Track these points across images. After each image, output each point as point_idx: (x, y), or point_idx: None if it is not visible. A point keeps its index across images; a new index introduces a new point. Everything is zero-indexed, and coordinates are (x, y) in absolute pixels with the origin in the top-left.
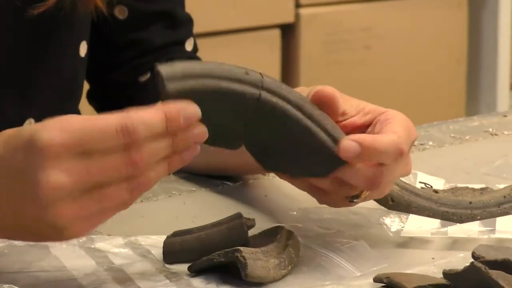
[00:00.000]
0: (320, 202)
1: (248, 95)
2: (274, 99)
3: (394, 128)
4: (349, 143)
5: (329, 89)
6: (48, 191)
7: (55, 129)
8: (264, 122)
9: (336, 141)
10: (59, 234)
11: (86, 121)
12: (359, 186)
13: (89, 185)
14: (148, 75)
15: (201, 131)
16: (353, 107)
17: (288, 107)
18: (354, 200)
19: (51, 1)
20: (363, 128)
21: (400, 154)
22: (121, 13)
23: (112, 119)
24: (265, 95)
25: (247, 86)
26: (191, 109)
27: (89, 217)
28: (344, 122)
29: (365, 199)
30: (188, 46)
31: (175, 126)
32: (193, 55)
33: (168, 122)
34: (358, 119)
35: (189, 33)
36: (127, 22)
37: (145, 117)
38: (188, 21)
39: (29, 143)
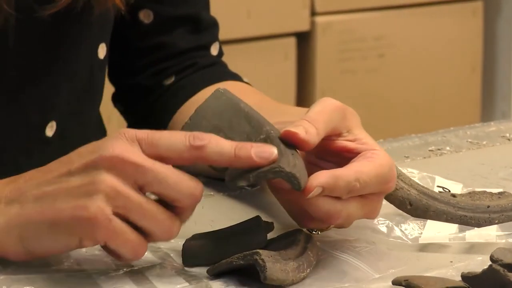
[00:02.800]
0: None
1: (264, 128)
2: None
3: (362, 167)
4: (313, 187)
5: (294, 133)
6: (107, 155)
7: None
8: None
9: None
10: (86, 208)
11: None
12: (321, 220)
13: (144, 179)
14: (173, 79)
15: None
16: (353, 133)
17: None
18: (313, 232)
19: (63, 2)
20: (351, 152)
21: (347, 192)
22: (146, 17)
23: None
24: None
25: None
26: (264, 147)
27: (116, 215)
28: (337, 142)
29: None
30: (214, 50)
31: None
32: (217, 60)
33: (236, 150)
34: (350, 144)
35: (214, 38)
36: (151, 26)
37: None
38: (213, 26)
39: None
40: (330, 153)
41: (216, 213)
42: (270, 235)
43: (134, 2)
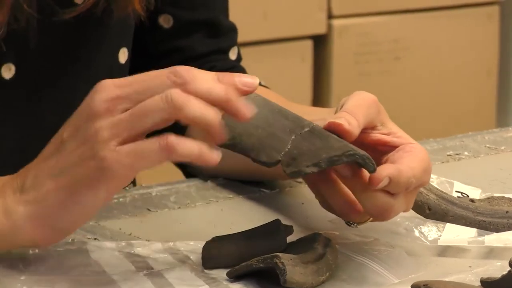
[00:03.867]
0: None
1: (305, 122)
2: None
3: (413, 164)
4: (382, 177)
5: (338, 124)
6: (91, 104)
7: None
8: (308, 139)
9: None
10: (96, 158)
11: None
12: (369, 213)
13: (131, 99)
14: None
15: (252, 80)
16: (387, 127)
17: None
18: (352, 225)
19: (83, 6)
20: (386, 145)
21: (405, 188)
22: (166, 22)
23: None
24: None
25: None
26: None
27: (126, 141)
28: (372, 135)
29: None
30: (232, 55)
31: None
32: (236, 64)
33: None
34: (385, 138)
35: (233, 42)
36: (171, 31)
37: (198, 72)
38: (231, 30)
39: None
40: (364, 146)
41: (235, 216)
42: (289, 238)
43: (154, 7)
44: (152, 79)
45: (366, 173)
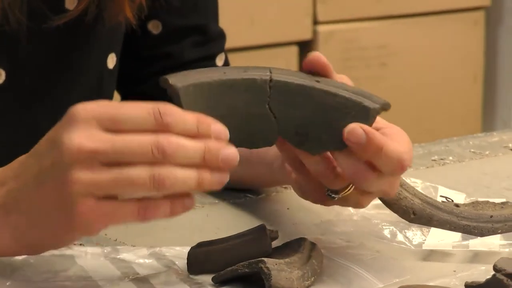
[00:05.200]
0: (303, 195)
1: (258, 80)
2: (285, 77)
3: (399, 142)
4: (357, 129)
5: (320, 57)
6: (67, 151)
7: (91, 103)
8: (286, 101)
9: (362, 96)
10: (71, 208)
11: (122, 102)
12: (346, 174)
13: (110, 158)
14: None
15: (232, 153)
16: None
17: (301, 80)
18: (333, 195)
19: (73, 13)
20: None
21: (400, 168)
22: (155, 28)
23: (147, 103)
24: (275, 75)
25: (255, 72)
26: (219, 125)
27: (102, 199)
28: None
29: (343, 203)
30: (219, 61)
31: (206, 130)
32: None
33: (199, 124)
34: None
35: (221, 48)
36: (159, 36)
37: (179, 111)
38: (220, 36)
39: (65, 116)
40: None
41: (221, 221)
42: (274, 243)
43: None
44: (133, 140)
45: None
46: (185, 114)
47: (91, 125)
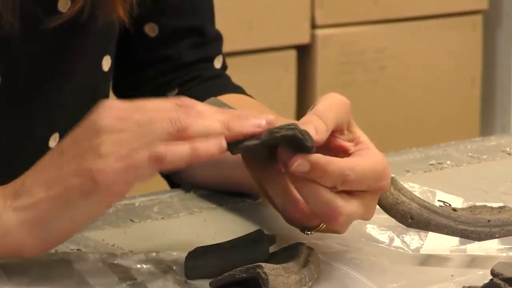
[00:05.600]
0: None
1: None
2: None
3: (356, 160)
4: (301, 163)
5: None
6: (100, 110)
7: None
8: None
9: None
10: (101, 161)
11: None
12: (316, 212)
13: (135, 114)
14: (176, 91)
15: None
16: (352, 131)
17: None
18: (306, 232)
19: (68, 14)
20: (346, 153)
21: (341, 181)
22: (151, 30)
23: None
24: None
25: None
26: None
27: (128, 151)
28: (336, 140)
29: (321, 231)
30: (217, 63)
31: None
32: (221, 73)
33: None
34: (347, 144)
35: (218, 51)
36: (156, 39)
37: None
38: (217, 38)
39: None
40: (329, 151)
41: (218, 226)
42: (272, 248)
43: (140, 16)
44: (155, 114)
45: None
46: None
47: (118, 108)
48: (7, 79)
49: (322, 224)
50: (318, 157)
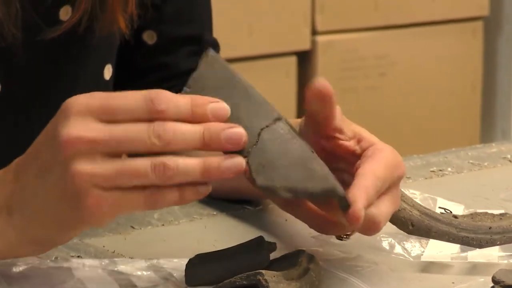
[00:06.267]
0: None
1: (272, 109)
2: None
3: (373, 167)
4: (359, 213)
5: (326, 86)
6: (66, 143)
7: (83, 95)
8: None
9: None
10: (78, 202)
11: (115, 92)
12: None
13: (110, 147)
14: None
15: (236, 131)
16: (350, 131)
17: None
18: (343, 239)
19: (67, 24)
20: (354, 154)
21: (376, 196)
22: (149, 38)
23: (139, 91)
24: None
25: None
26: (220, 104)
27: (108, 189)
28: (339, 143)
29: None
30: None
31: (202, 114)
32: None
33: (193, 107)
34: (352, 145)
35: None
36: (154, 47)
37: (171, 94)
38: (214, 46)
39: (58, 110)
40: (333, 156)
41: (219, 233)
42: (273, 255)
43: (138, 24)
44: (129, 128)
45: None
46: (177, 98)
47: (86, 117)
48: (7, 87)
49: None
50: (353, 209)
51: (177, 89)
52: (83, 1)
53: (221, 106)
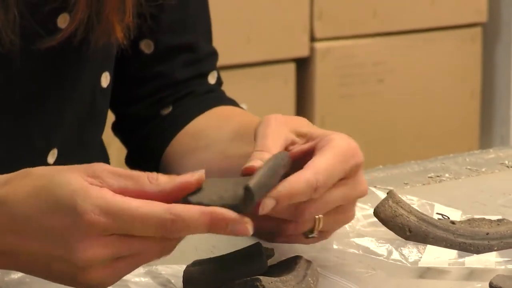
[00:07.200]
0: (277, 240)
1: None
2: None
3: (322, 157)
4: (265, 203)
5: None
6: (84, 260)
7: (97, 209)
8: None
9: None
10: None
11: (128, 204)
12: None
13: (124, 254)
14: (170, 109)
15: (244, 228)
16: (302, 135)
17: None
18: (309, 236)
19: (64, 32)
20: (311, 152)
21: (313, 191)
22: (147, 47)
23: (156, 209)
24: None
25: None
26: (241, 221)
27: (120, 275)
28: (293, 151)
29: (322, 236)
30: (211, 79)
31: (219, 230)
32: (214, 87)
33: (211, 226)
34: (305, 146)
35: (212, 67)
36: (151, 56)
37: (190, 219)
38: (211, 55)
39: (71, 212)
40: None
41: (217, 239)
42: (270, 261)
43: (135, 33)
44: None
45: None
46: (195, 224)
47: (102, 236)
48: (4, 93)
49: (318, 220)
50: (279, 188)
51: (172, 98)
52: (80, 10)
53: (242, 226)
